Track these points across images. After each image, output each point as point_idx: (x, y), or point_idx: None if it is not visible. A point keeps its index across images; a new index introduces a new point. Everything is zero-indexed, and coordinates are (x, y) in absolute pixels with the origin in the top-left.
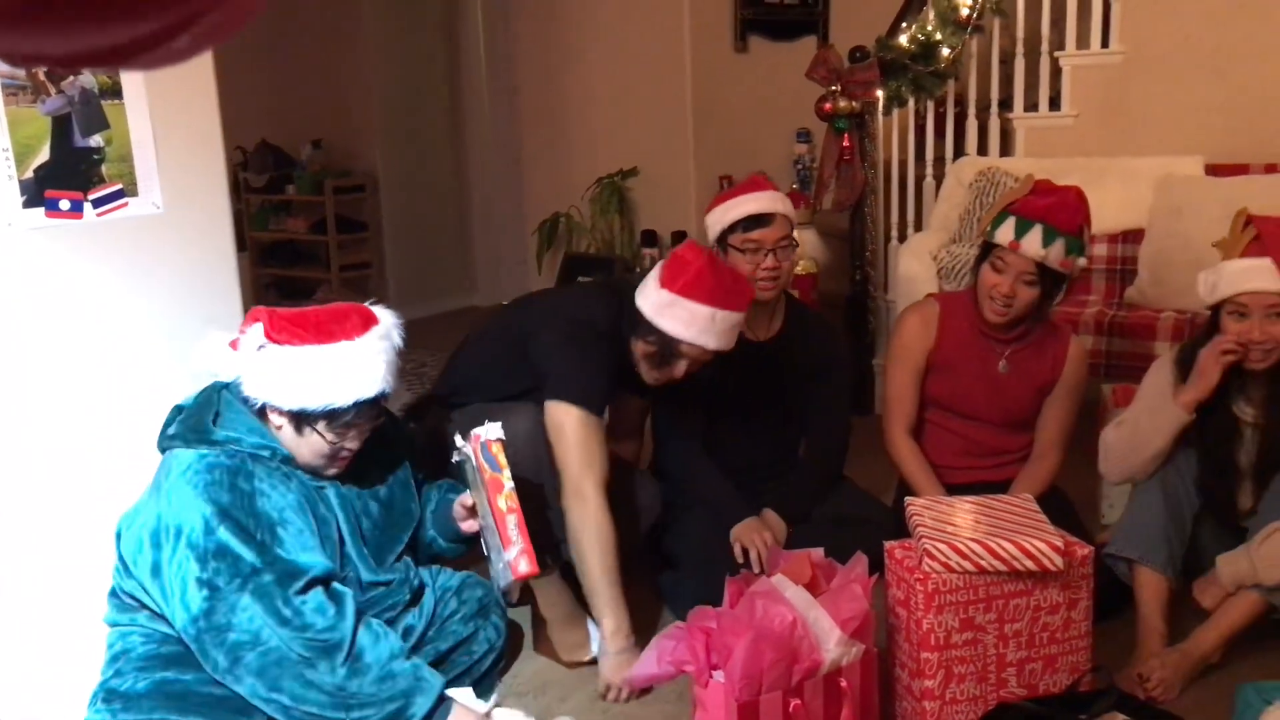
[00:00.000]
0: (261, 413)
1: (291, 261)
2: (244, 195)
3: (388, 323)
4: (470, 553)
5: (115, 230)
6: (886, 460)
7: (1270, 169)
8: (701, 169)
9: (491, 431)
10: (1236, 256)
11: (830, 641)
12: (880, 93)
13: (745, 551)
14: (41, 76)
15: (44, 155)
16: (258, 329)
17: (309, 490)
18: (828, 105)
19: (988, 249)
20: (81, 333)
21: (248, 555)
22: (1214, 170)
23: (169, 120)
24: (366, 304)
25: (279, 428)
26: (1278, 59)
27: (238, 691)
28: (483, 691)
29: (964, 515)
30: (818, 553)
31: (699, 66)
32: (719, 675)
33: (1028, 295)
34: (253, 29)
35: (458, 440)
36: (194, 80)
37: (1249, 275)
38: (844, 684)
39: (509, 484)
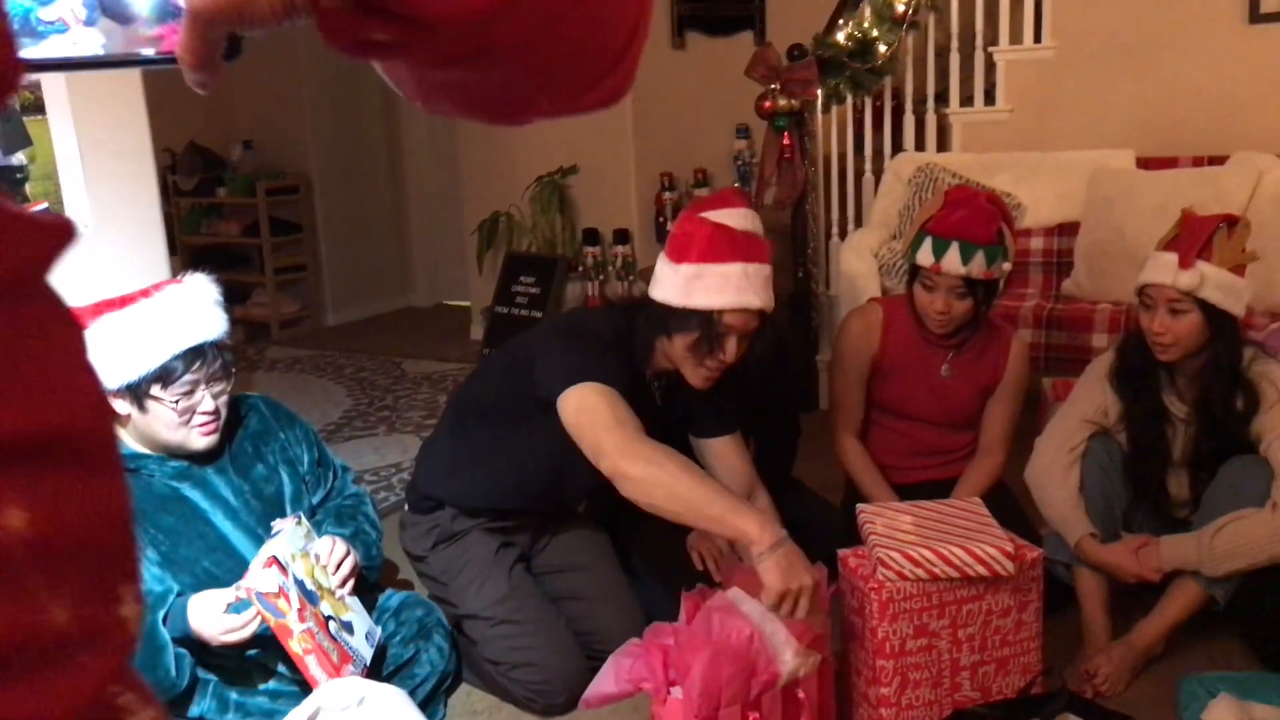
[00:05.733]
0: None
1: (224, 266)
2: (173, 198)
3: (196, 279)
4: (405, 571)
5: None
6: (835, 458)
7: (1198, 162)
8: (642, 166)
9: (261, 581)
10: (1160, 250)
11: (787, 653)
12: (819, 90)
13: (704, 559)
14: None
15: None
16: None
17: (161, 495)
18: (768, 104)
19: (915, 269)
20: None
21: None
22: (1145, 163)
23: (95, 135)
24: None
25: (126, 418)
26: (1203, 54)
27: None
28: (429, 716)
29: (915, 521)
30: None
31: None
32: (677, 692)
33: (963, 306)
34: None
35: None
36: (121, 93)
37: (1156, 269)
38: (801, 695)
39: (297, 626)
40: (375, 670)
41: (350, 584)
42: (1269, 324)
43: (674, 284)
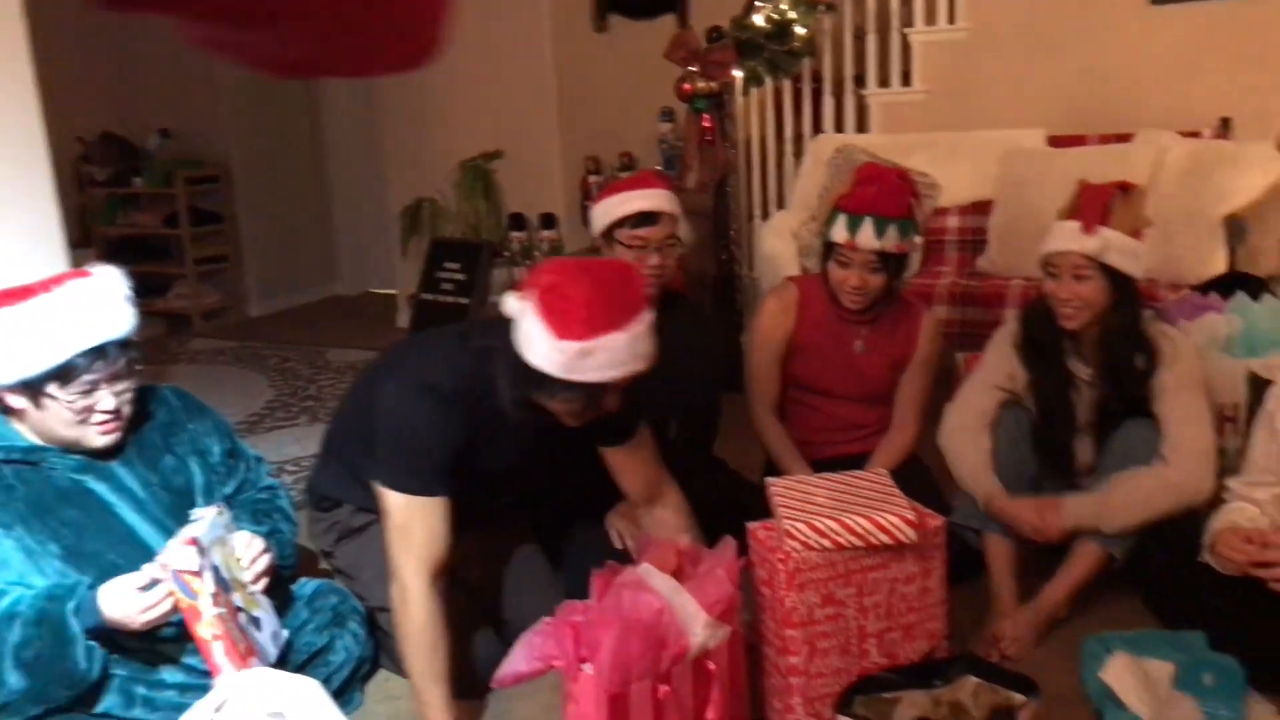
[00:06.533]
0: (7, 409)
1: (142, 257)
2: (86, 189)
3: (103, 272)
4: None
5: None
6: (754, 435)
7: (1106, 139)
8: (567, 150)
9: (179, 559)
10: (1061, 220)
11: (697, 626)
12: (738, 73)
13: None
14: None
15: None
16: None
17: (63, 487)
18: (687, 86)
19: (830, 246)
20: None
21: None
22: (1055, 141)
23: None
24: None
25: (22, 411)
26: (1109, 35)
27: None
28: (345, 703)
29: (822, 493)
30: (683, 540)
31: (560, 46)
32: (588, 668)
33: (877, 281)
34: (90, 12)
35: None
36: (3, 77)
37: (1060, 237)
38: (712, 666)
39: (209, 610)
40: (291, 658)
41: (263, 582)
42: (1169, 296)
43: (555, 360)
